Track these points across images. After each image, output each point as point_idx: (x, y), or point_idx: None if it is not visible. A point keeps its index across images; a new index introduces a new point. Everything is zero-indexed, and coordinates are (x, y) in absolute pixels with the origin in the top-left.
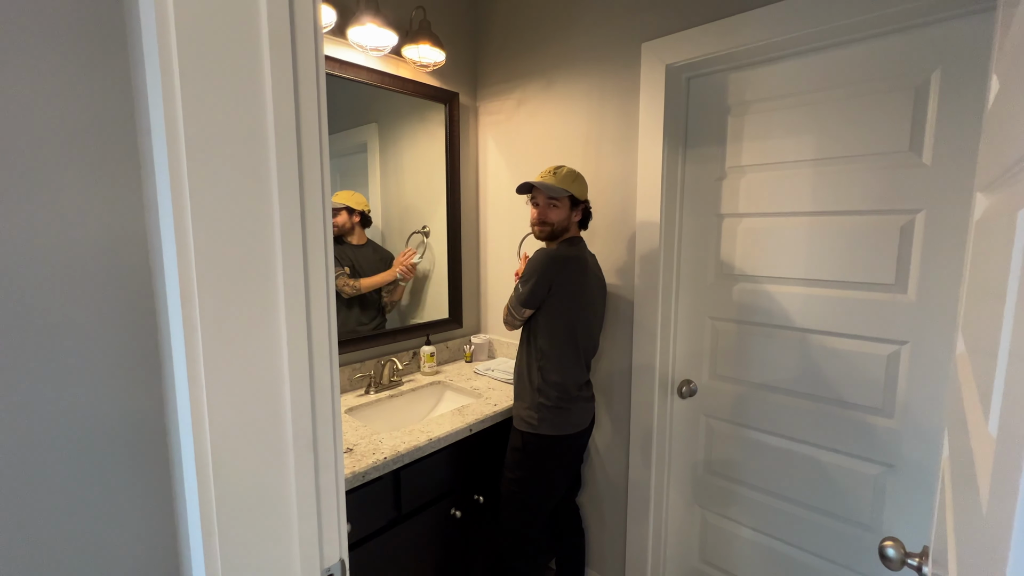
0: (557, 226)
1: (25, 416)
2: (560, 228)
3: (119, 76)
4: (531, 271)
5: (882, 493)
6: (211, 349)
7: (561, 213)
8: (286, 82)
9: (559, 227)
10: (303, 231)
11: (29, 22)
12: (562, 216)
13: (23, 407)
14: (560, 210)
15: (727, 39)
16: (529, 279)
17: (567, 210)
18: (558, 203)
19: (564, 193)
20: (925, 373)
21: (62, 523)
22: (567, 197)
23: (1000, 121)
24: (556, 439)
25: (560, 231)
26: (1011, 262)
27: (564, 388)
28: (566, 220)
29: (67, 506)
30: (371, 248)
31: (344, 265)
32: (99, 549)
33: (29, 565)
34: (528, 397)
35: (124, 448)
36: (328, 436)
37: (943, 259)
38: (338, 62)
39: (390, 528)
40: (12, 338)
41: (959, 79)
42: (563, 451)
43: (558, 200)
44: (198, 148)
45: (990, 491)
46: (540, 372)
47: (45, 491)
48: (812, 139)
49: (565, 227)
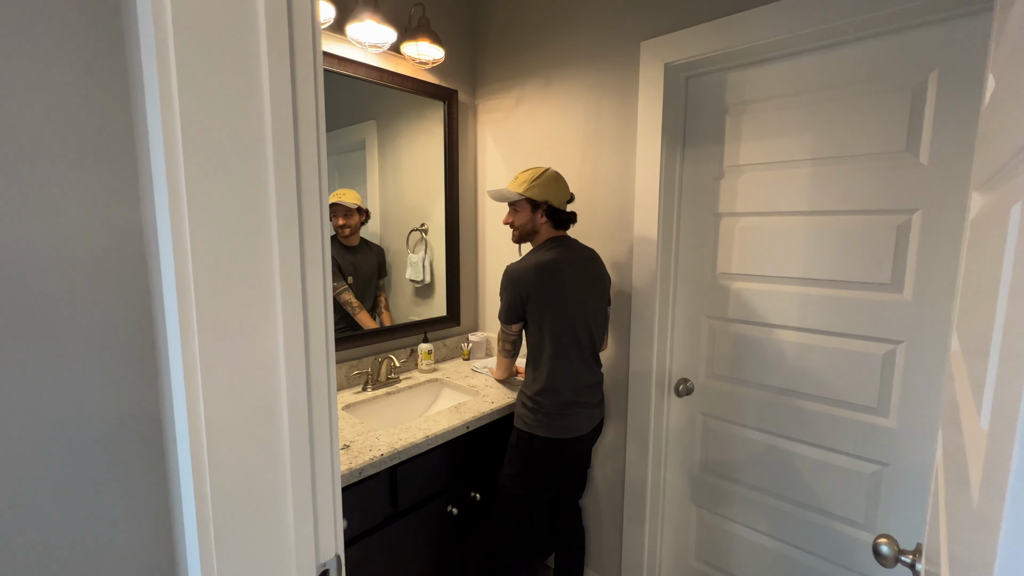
0: (522, 229)
1: (20, 413)
2: (526, 231)
3: (116, 72)
4: (502, 288)
5: (877, 491)
6: (207, 346)
7: (522, 216)
8: (284, 78)
9: (524, 230)
10: (300, 228)
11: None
12: (523, 219)
13: (18, 404)
14: (520, 214)
15: (726, 38)
16: (502, 296)
17: (528, 213)
18: (517, 207)
19: (515, 197)
20: (920, 372)
21: (57, 519)
22: (524, 200)
23: (995, 119)
24: (549, 442)
25: (528, 234)
26: (1004, 257)
27: (557, 393)
28: (530, 223)
29: (62, 503)
30: (364, 246)
31: (347, 276)
32: (95, 544)
33: (24, 562)
34: (527, 397)
35: (120, 445)
36: (324, 432)
37: (939, 259)
38: (336, 58)
39: (386, 525)
40: (7, 334)
41: (956, 79)
42: (555, 455)
43: (516, 205)
44: (195, 145)
45: (981, 485)
46: (534, 377)
47: (40, 488)
48: (810, 139)
49: (532, 229)
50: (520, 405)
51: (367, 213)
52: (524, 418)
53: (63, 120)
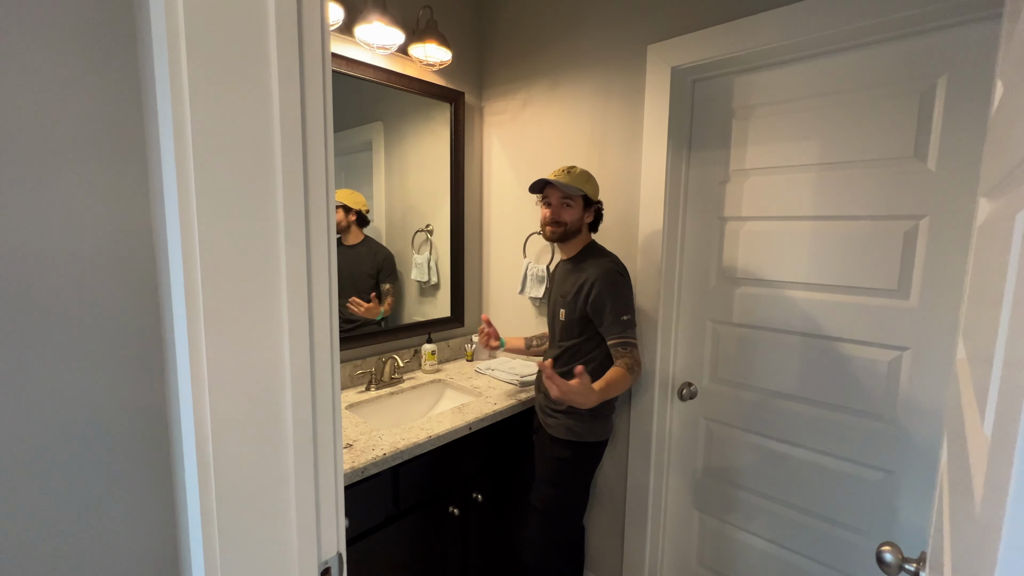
0: (570, 226)
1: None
2: (572, 229)
3: (127, 71)
4: (619, 296)
5: (881, 499)
6: (214, 343)
7: (574, 213)
8: (292, 79)
9: (572, 228)
10: (307, 227)
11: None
12: (575, 216)
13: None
14: (573, 210)
15: (733, 42)
16: (622, 298)
17: (580, 210)
18: (572, 203)
19: (579, 192)
20: (926, 379)
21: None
22: (581, 197)
23: (1004, 126)
24: (597, 444)
25: (572, 232)
26: (1009, 264)
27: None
28: (579, 221)
29: (69, 498)
30: (366, 246)
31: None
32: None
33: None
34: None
35: (126, 441)
36: (328, 431)
37: (946, 265)
38: (345, 60)
39: (388, 524)
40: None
41: (965, 85)
42: (600, 456)
43: (572, 199)
44: (204, 143)
45: (983, 492)
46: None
47: (47, 483)
48: (817, 144)
49: (577, 228)
50: (562, 416)
51: (359, 212)
52: (572, 428)
53: (74, 117)
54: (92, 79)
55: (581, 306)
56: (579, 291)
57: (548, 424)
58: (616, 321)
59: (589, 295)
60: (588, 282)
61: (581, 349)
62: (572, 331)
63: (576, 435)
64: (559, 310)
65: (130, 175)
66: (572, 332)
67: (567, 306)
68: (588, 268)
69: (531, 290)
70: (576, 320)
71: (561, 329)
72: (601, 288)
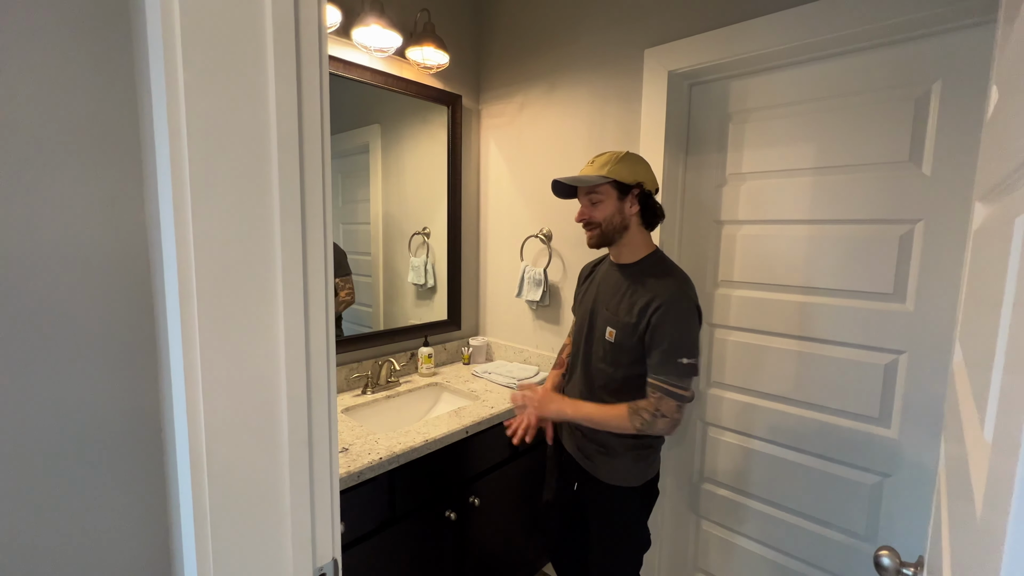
0: (606, 225)
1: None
2: (611, 227)
3: (123, 72)
4: (686, 332)
5: (878, 502)
6: (208, 346)
7: (607, 208)
8: (289, 81)
9: (609, 226)
10: (303, 230)
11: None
12: (609, 211)
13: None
14: (604, 204)
15: (730, 47)
16: (691, 345)
17: (614, 201)
18: (599, 195)
19: (602, 180)
20: (922, 383)
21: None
22: (609, 184)
23: (999, 131)
24: (654, 479)
25: (615, 230)
26: (1008, 267)
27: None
28: (617, 215)
29: (61, 500)
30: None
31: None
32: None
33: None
34: (627, 448)
35: (119, 443)
36: (324, 435)
37: (941, 269)
38: (342, 62)
39: (384, 529)
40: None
41: (960, 90)
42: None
43: (598, 191)
44: (200, 146)
45: (984, 497)
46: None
47: (40, 484)
48: (812, 148)
49: (622, 225)
50: (617, 463)
51: None
52: (630, 472)
53: (69, 118)
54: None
55: (642, 332)
56: (643, 314)
57: (600, 469)
58: (670, 362)
59: (650, 321)
60: (654, 306)
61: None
62: (621, 357)
63: (636, 478)
64: (606, 328)
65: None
66: (621, 359)
67: (619, 327)
68: (655, 286)
69: (528, 293)
70: (632, 347)
71: (609, 350)
72: (666, 317)
